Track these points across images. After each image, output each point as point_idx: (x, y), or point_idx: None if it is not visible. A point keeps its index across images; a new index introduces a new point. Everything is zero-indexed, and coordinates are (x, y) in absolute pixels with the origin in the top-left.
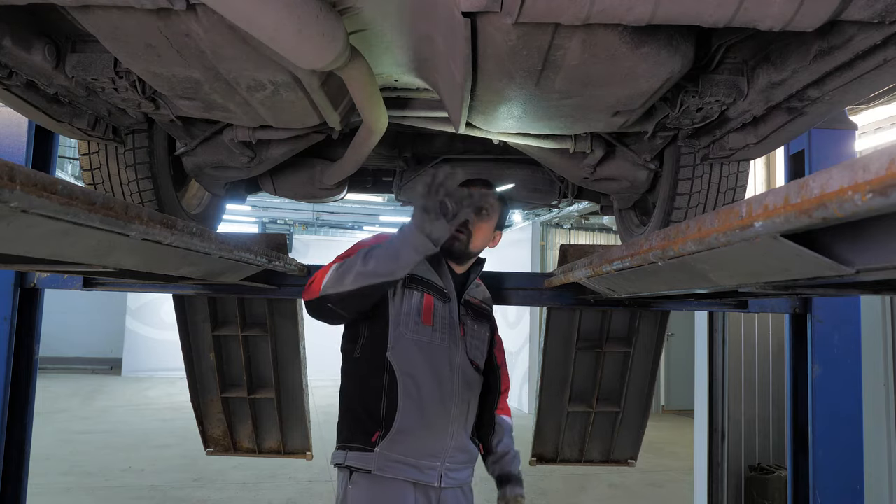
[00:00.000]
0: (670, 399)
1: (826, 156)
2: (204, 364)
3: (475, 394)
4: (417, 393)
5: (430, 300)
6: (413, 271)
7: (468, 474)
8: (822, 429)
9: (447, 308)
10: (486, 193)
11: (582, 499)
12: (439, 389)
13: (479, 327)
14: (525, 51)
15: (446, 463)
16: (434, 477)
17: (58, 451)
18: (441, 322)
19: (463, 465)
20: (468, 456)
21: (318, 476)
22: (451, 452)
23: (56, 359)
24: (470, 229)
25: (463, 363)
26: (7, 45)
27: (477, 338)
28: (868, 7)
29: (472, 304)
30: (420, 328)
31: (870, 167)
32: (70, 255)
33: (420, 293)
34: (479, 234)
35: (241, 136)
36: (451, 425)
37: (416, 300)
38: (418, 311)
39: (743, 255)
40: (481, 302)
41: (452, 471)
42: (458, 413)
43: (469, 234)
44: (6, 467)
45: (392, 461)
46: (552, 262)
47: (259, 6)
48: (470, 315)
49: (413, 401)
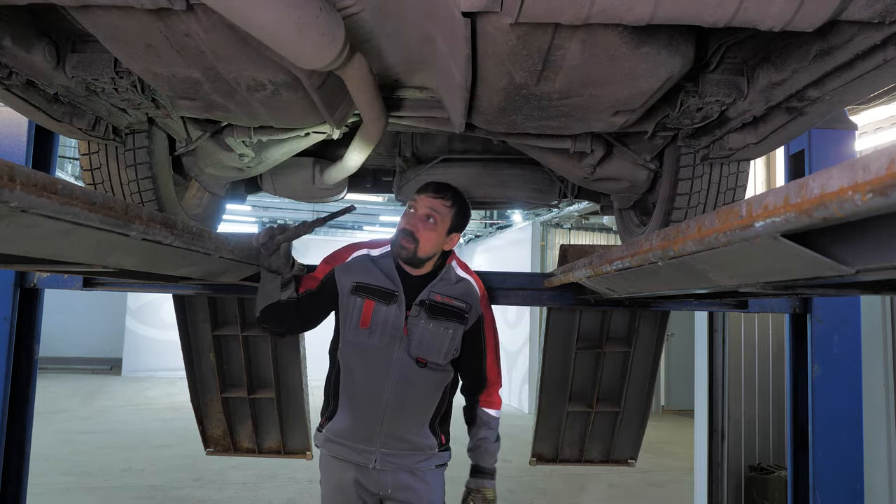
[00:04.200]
0: (670, 399)
1: (826, 156)
2: (204, 364)
3: (420, 388)
4: (353, 386)
5: (371, 305)
6: (361, 279)
7: (417, 461)
8: (822, 429)
9: (391, 310)
10: (308, 224)
11: (582, 499)
12: (370, 384)
13: (438, 325)
14: (525, 51)
15: (381, 448)
16: (369, 459)
17: (58, 451)
18: (381, 324)
19: (405, 451)
20: (409, 444)
21: (317, 476)
22: (384, 439)
23: (56, 359)
24: (416, 238)
25: (402, 361)
26: (7, 45)
27: (431, 335)
28: (868, 7)
29: (436, 302)
30: (357, 331)
31: (870, 167)
32: (70, 255)
33: (361, 299)
34: (426, 241)
35: (241, 136)
36: (383, 415)
37: (357, 306)
38: (357, 317)
39: (743, 255)
40: (455, 299)
41: (391, 455)
42: (393, 405)
43: (416, 242)
44: (6, 467)
45: (331, 441)
46: (552, 262)
47: (259, 6)
48: (425, 315)
49: (348, 393)
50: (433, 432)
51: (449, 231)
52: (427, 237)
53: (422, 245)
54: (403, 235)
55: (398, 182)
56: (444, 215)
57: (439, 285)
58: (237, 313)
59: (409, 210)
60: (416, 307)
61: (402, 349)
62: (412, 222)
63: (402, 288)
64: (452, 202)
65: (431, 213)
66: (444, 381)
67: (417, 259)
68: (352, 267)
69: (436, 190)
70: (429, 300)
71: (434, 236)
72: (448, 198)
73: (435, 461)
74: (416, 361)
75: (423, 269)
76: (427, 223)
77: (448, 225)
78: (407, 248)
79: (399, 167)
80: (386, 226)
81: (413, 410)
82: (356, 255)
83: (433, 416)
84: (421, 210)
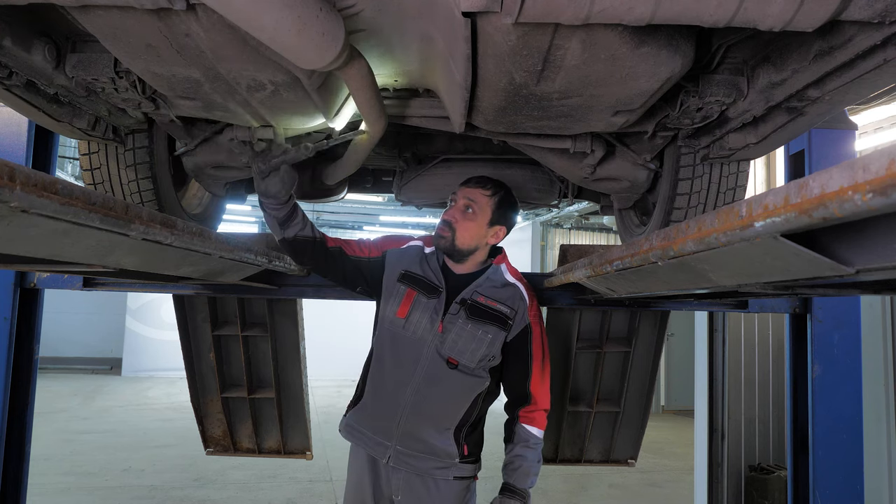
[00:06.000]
0: (670, 399)
1: (826, 156)
2: (204, 364)
3: (447, 390)
4: (380, 375)
5: (413, 295)
6: (410, 268)
7: (432, 466)
8: (822, 429)
9: (430, 304)
10: (310, 147)
11: (582, 499)
12: (396, 376)
13: (477, 327)
14: (525, 51)
15: (397, 446)
16: (383, 454)
17: (58, 451)
18: (418, 316)
19: (421, 454)
20: (426, 447)
21: (318, 476)
22: (400, 437)
23: (56, 359)
24: (453, 227)
25: (432, 358)
26: (7, 45)
27: (467, 337)
28: (868, 7)
29: (477, 303)
30: (395, 319)
31: (870, 167)
32: (70, 255)
33: (405, 287)
34: (464, 231)
35: (241, 136)
36: (402, 411)
37: (400, 293)
38: (398, 304)
39: (743, 255)
40: (500, 302)
41: (406, 455)
42: (413, 403)
43: (453, 231)
44: (6, 467)
45: (352, 427)
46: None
47: (259, 6)
48: (464, 314)
49: (375, 381)
50: (456, 440)
51: (491, 223)
52: (465, 227)
53: (459, 234)
54: (441, 225)
55: (398, 182)
56: (483, 205)
57: (484, 286)
58: (237, 313)
59: (450, 202)
60: (457, 305)
61: (434, 346)
62: (451, 212)
63: (444, 284)
64: (493, 192)
65: (470, 203)
66: (476, 388)
67: (456, 250)
68: (405, 254)
69: (477, 181)
70: (470, 300)
71: (473, 226)
72: (488, 188)
73: (454, 472)
74: (446, 361)
75: (466, 266)
76: (465, 213)
77: (489, 216)
78: (444, 238)
79: (399, 167)
80: (386, 225)
81: (435, 412)
82: (412, 244)
83: (459, 424)
84: (460, 200)
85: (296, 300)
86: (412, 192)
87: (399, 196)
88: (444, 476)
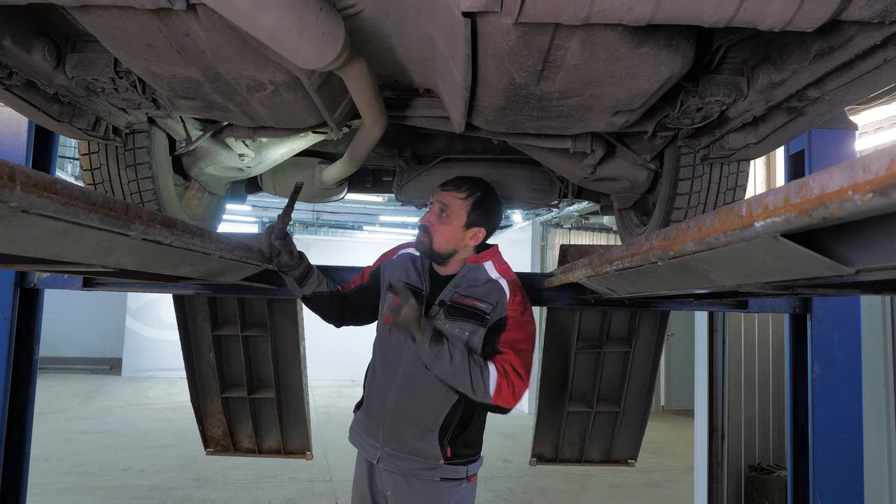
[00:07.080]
0: (670, 399)
1: (826, 156)
2: (204, 364)
3: (425, 392)
4: (371, 379)
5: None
6: (397, 275)
7: (417, 468)
8: (822, 429)
9: None
10: (281, 216)
11: (582, 499)
12: (382, 380)
13: (454, 326)
14: (525, 51)
15: (385, 447)
16: (374, 455)
17: (58, 451)
18: None
19: (406, 455)
20: (409, 448)
21: (318, 476)
22: (385, 439)
23: (56, 359)
24: (430, 232)
25: (412, 360)
26: (7, 45)
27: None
28: (868, 7)
29: (456, 303)
30: (382, 326)
31: (870, 167)
32: (70, 255)
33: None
34: (440, 235)
35: (241, 136)
36: (386, 413)
37: (388, 301)
38: (384, 311)
39: (743, 255)
40: (478, 300)
41: (393, 456)
42: (395, 405)
43: (430, 235)
44: (6, 467)
45: (352, 430)
46: (552, 262)
47: (259, 6)
48: (443, 315)
49: (367, 385)
50: (440, 442)
51: (468, 225)
52: (440, 231)
53: (436, 239)
54: (419, 229)
55: (398, 182)
56: (457, 208)
57: (463, 285)
58: (237, 313)
59: (429, 205)
60: (436, 307)
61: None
62: (427, 216)
63: (428, 287)
64: (468, 194)
65: (444, 207)
66: None
67: (436, 253)
68: (394, 263)
69: (453, 184)
70: (450, 301)
71: (448, 230)
72: (462, 190)
73: (441, 473)
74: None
75: (450, 268)
76: (440, 217)
77: (464, 219)
78: (423, 242)
79: (399, 167)
80: (386, 226)
81: (416, 414)
82: (401, 252)
83: (443, 425)
84: (436, 204)
85: (295, 300)
86: (412, 192)
87: (399, 196)
88: (431, 477)
